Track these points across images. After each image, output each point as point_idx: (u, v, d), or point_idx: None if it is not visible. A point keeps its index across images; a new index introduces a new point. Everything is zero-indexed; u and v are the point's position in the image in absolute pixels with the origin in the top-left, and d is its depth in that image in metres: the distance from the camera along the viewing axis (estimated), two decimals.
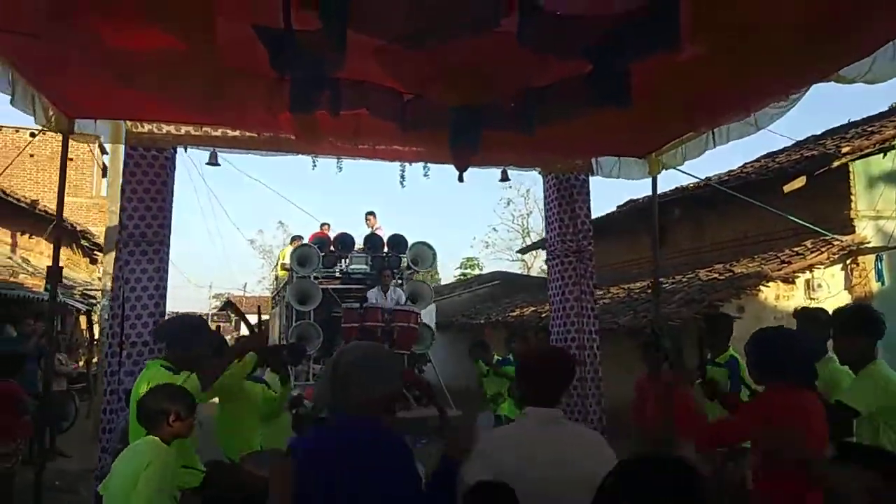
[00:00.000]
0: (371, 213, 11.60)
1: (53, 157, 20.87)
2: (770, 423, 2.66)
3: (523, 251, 20.83)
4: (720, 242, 11.60)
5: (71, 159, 19.00)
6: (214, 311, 46.23)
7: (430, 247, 9.43)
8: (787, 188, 8.96)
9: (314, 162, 6.01)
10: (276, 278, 12.13)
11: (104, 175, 30.06)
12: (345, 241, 9.63)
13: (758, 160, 10.54)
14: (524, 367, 2.48)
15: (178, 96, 4.63)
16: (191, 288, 75.80)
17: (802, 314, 4.60)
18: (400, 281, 9.59)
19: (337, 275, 9.79)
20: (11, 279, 10.29)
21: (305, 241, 9.74)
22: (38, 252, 17.39)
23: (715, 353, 5.16)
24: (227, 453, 4.31)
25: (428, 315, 18.27)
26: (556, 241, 6.40)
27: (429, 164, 6.13)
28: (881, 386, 3.14)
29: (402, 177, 6.38)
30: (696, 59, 3.77)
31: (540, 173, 6.72)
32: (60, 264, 5.75)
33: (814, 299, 8.28)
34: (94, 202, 27.41)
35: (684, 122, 5.31)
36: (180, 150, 5.62)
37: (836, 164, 8.51)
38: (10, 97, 4.33)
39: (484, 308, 16.13)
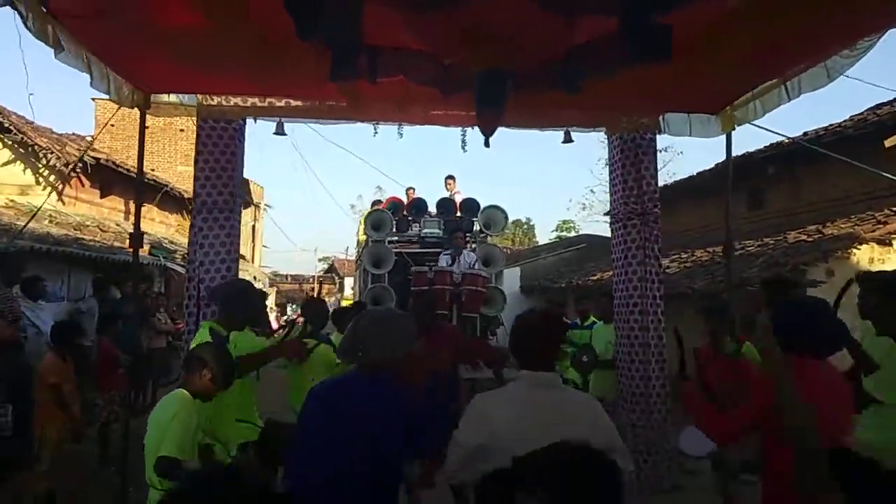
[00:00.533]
0: (451, 177, 11.68)
1: (165, 128, 22.11)
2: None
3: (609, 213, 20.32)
4: (818, 202, 10.87)
5: (182, 130, 20.32)
6: (320, 272, 49.36)
7: (501, 210, 9.40)
8: (888, 142, 8.24)
9: (375, 129, 6.16)
10: (358, 243, 12.52)
11: None
12: (418, 205, 9.77)
13: (860, 114, 9.71)
14: (514, 332, 2.48)
15: (233, 69, 4.85)
16: (298, 252, 79.69)
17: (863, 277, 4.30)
18: (474, 244, 9.65)
19: (413, 239, 9.98)
20: (117, 244, 11.18)
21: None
22: (149, 219, 18.70)
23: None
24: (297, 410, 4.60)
25: (512, 277, 18.36)
26: (620, 204, 6.25)
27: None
28: None
29: (464, 142, 6.41)
30: (759, 5, 3.59)
31: (606, 133, 6.54)
32: (172, 230, 6.25)
33: None
34: None
35: (753, 73, 5.03)
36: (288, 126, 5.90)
37: None
38: (89, 78, 4.71)
39: (567, 271, 15.96)
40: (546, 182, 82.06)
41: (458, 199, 10.50)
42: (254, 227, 40.96)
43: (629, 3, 3.13)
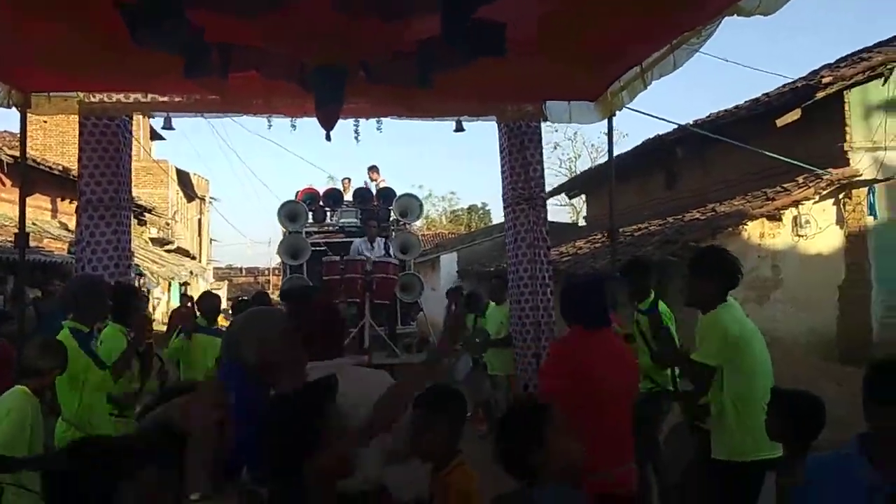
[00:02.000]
0: (373, 168, 11.79)
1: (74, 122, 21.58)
2: (563, 365, 2.77)
3: (548, 195, 20.66)
4: (726, 181, 11.32)
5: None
6: (277, 265, 48.89)
7: (416, 198, 9.60)
8: (779, 122, 8.64)
9: (269, 122, 6.23)
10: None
11: (153, 138, 31.22)
12: (333, 195, 9.86)
13: (755, 98, 10.17)
14: (308, 326, 2.60)
15: (107, 68, 4.87)
16: (250, 245, 79.02)
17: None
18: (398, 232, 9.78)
19: (330, 229, 10.06)
20: (33, 244, 10.99)
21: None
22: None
23: (639, 300, 5.20)
24: None
25: (450, 263, 18.62)
26: (509, 190, 6.44)
27: (381, 120, 6.30)
28: (720, 336, 3.16)
29: (357, 132, 6.51)
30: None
31: (496, 122, 6.72)
32: None
33: (801, 236, 8.09)
34: (143, 165, 28.54)
35: (616, 62, 5.27)
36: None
37: (820, 94, 8.15)
38: None
39: (500, 255, 16.24)
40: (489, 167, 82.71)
41: (385, 186, 10.63)
42: (199, 220, 40.34)
43: (447, 3, 3.27)
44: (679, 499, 4.11)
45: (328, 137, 3.81)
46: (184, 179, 32.61)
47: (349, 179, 11.85)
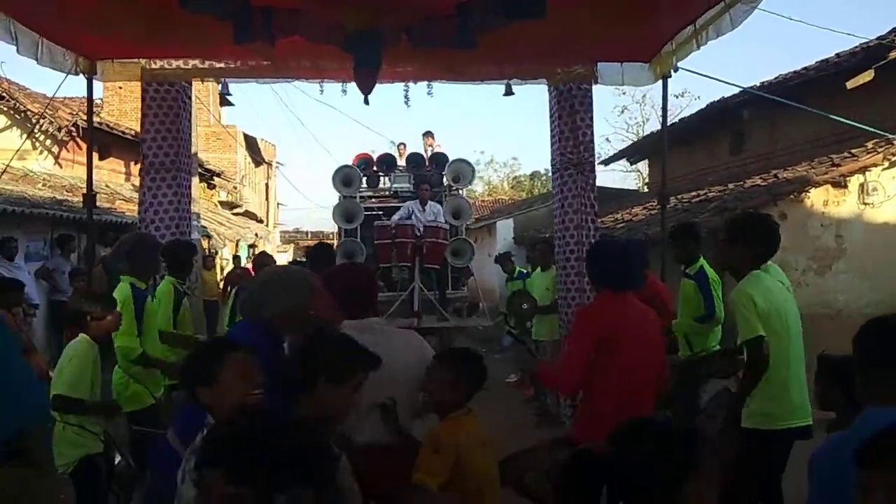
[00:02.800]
0: (428, 133, 11.83)
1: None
2: (596, 331, 2.78)
3: (606, 162, 20.28)
4: (794, 145, 10.84)
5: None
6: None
7: (468, 164, 9.58)
8: (850, 84, 8.19)
9: (321, 87, 6.36)
10: None
11: (222, 104, 32.08)
12: (387, 160, 9.97)
13: (825, 59, 9.61)
14: (341, 286, 2.71)
15: (165, 34, 5.06)
16: (315, 208, 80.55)
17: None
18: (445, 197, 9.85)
19: (384, 194, 10.21)
20: (107, 204, 11.61)
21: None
22: None
23: (686, 264, 5.13)
24: None
25: (506, 229, 18.55)
26: (557, 154, 6.40)
27: (432, 84, 6.33)
28: (751, 307, 3.08)
29: (406, 97, 6.56)
30: None
31: (547, 85, 6.63)
32: None
33: (868, 204, 7.70)
34: (213, 130, 29.43)
35: (670, 21, 5.12)
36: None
37: (893, 54, 7.65)
38: (35, 57, 5.00)
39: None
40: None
41: (441, 152, 10.69)
42: (267, 185, 41.39)
43: None
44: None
45: (366, 101, 3.89)
46: (251, 144, 33.39)
47: (404, 145, 11.94)
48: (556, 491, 2.51)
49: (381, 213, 9.81)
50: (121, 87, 23.06)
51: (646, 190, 19.83)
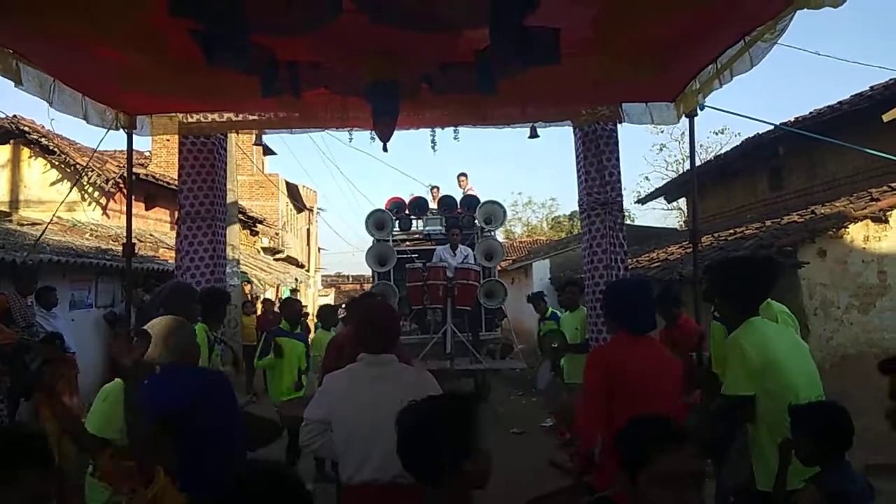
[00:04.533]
0: (463, 175, 12.00)
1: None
2: (606, 375, 2.73)
3: (642, 201, 20.08)
4: (833, 181, 10.62)
5: (235, 141, 21.03)
6: None
7: (500, 205, 9.64)
8: (886, 117, 8.04)
9: (350, 135, 6.53)
10: None
11: (265, 153, 33.10)
12: (419, 203, 10.10)
13: (859, 92, 9.45)
14: (359, 321, 2.77)
15: (199, 89, 5.29)
16: (355, 252, 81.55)
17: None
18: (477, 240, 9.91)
19: (417, 237, 10.32)
20: (150, 253, 11.98)
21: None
22: None
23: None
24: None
25: (542, 269, 18.46)
26: (584, 195, 6.39)
27: (458, 129, 6.44)
28: (740, 363, 2.78)
29: (433, 142, 6.69)
30: None
31: (573, 127, 6.68)
32: None
33: None
34: (256, 179, 30.32)
35: (680, 59, 5.13)
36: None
37: None
38: (83, 118, 5.30)
39: None
40: None
41: (473, 194, 10.80)
42: (308, 230, 42.18)
43: (495, 10, 3.35)
44: None
45: (385, 148, 3.98)
46: (293, 192, 34.21)
47: (437, 188, 12.10)
48: None
49: (413, 255, 9.91)
50: (168, 140, 23.95)
51: (684, 228, 19.56)
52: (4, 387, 4.59)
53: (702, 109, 5.97)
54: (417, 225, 10.26)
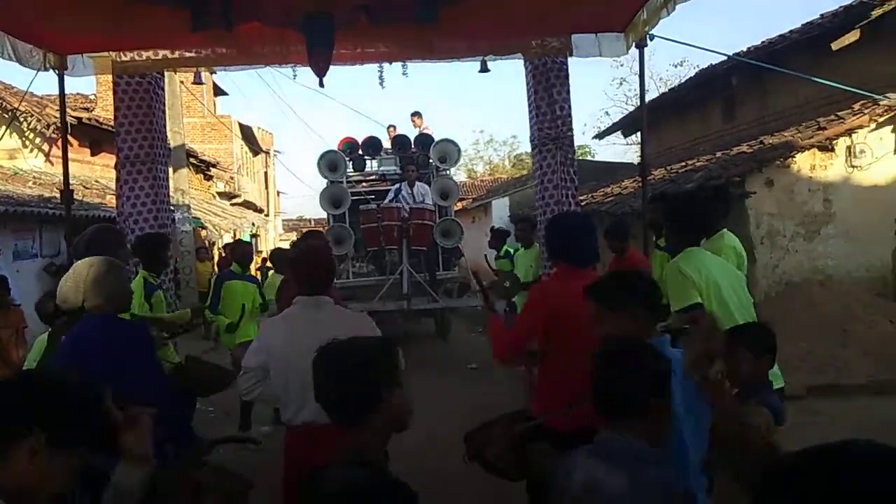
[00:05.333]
0: (417, 114, 11.78)
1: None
2: (547, 306, 2.74)
3: (600, 136, 20.06)
4: (784, 111, 10.73)
5: (182, 81, 20.31)
6: None
7: (454, 143, 9.52)
8: (835, 45, 8.08)
9: (294, 72, 6.31)
10: None
11: (216, 94, 31.94)
12: (373, 143, 9.91)
13: (809, 21, 9.46)
14: (293, 263, 2.72)
15: (130, 26, 5.02)
16: (315, 195, 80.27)
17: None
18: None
19: (373, 178, 10.18)
20: (97, 200, 11.62)
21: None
22: None
23: (657, 236, 5.10)
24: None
25: (501, 207, 18.51)
26: (535, 130, 6.33)
27: (407, 65, 6.26)
28: (681, 280, 2.90)
29: (381, 78, 6.50)
30: None
31: (524, 60, 6.55)
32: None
33: (856, 167, 7.62)
34: (207, 121, 29.35)
35: None
36: None
37: (877, 12, 7.52)
38: (13, 59, 5.00)
39: None
40: None
41: (429, 133, 10.64)
42: (265, 174, 41.34)
43: None
44: None
45: (321, 84, 3.84)
46: (247, 134, 33.29)
47: (394, 127, 11.87)
48: (515, 464, 2.50)
49: (370, 196, 9.80)
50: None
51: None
52: None
53: (651, 40, 5.92)
54: (372, 165, 10.09)
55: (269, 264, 10.74)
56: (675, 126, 15.36)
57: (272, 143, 41.49)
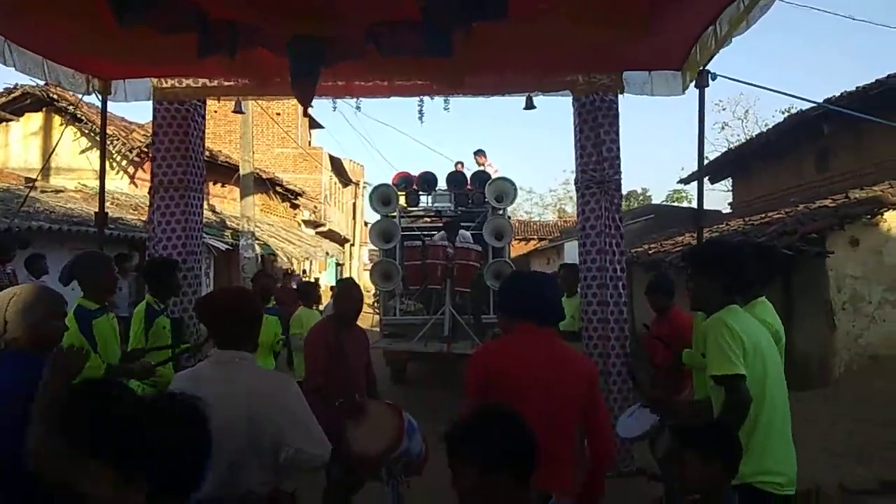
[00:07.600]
0: (480, 152, 11.55)
1: (263, 112, 22.96)
2: (485, 372, 2.38)
3: (685, 181, 19.00)
4: (881, 162, 9.70)
5: (278, 114, 21.33)
6: None
7: (511, 182, 9.11)
8: None
9: (334, 104, 6.23)
10: None
11: (312, 126, 33.11)
12: (427, 179, 9.65)
13: None
14: (208, 313, 2.42)
15: (170, 54, 5.01)
16: None
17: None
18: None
19: (429, 214, 9.94)
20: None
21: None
22: (231, 199, 19.66)
23: None
24: None
25: (574, 249, 17.83)
26: (580, 172, 5.89)
27: (449, 98, 6.02)
28: (730, 339, 2.52)
29: (421, 112, 6.28)
30: None
31: (572, 98, 6.14)
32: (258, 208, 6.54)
33: None
34: (300, 152, 30.38)
35: (692, 22, 4.57)
36: None
37: None
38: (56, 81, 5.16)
39: (629, 241, 15.28)
40: (657, 150, 79.17)
41: (491, 171, 10.35)
42: (354, 204, 42.34)
43: None
44: None
45: (305, 113, 3.61)
46: (337, 166, 34.20)
47: (462, 163, 11.63)
48: None
49: (422, 232, 9.54)
50: (215, 111, 24.14)
51: (729, 210, 18.56)
52: None
53: (713, 79, 5.39)
54: (427, 201, 9.83)
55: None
56: (766, 174, 14.35)
57: (362, 174, 42.52)
